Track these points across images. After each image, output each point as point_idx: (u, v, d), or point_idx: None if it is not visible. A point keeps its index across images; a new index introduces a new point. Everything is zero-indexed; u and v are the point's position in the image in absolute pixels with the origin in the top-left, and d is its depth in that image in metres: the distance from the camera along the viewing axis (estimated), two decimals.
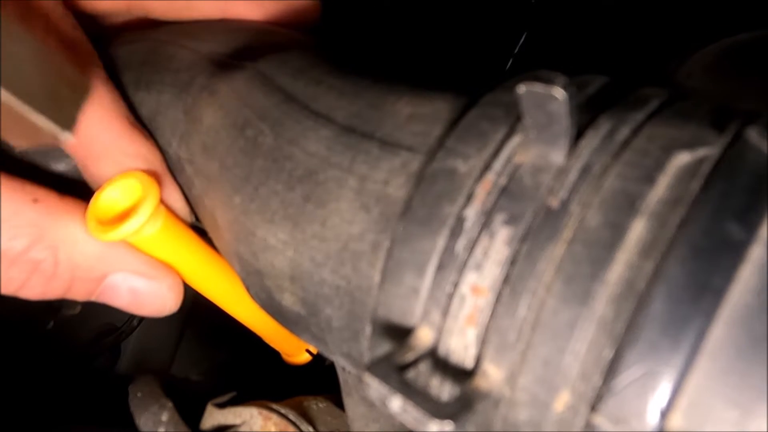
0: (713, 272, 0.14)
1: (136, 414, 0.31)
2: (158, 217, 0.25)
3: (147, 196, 0.24)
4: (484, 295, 0.16)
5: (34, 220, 0.24)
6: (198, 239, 0.28)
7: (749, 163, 0.15)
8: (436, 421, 0.14)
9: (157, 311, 0.27)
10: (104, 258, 0.25)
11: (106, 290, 0.26)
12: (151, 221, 0.24)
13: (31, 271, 0.24)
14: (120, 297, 0.26)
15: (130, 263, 0.26)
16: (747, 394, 0.13)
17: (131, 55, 0.30)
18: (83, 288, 0.25)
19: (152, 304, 0.27)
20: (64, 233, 0.24)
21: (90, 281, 0.25)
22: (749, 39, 0.30)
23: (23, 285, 0.24)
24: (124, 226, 0.24)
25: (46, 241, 0.24)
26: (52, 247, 0.24)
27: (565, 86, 0.15)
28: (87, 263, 0.25)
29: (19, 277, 0.24)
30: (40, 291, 0.25)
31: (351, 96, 0.22)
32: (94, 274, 0.25)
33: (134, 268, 0.26)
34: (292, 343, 0.34)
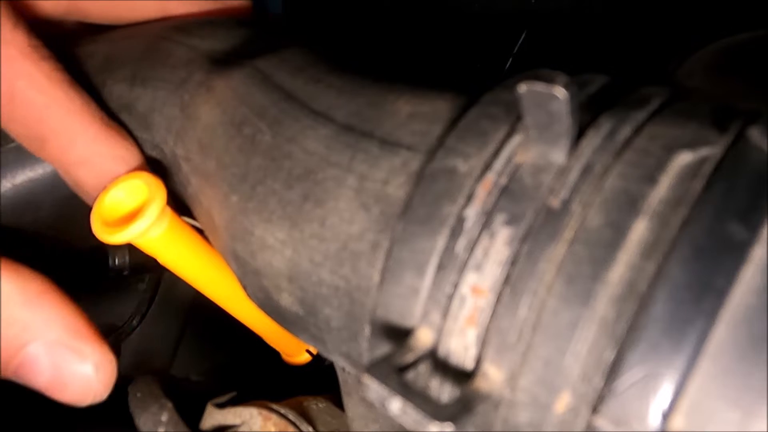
0: (715, 273, 0.14)
1: (136, 414, 0.31)
2: (164, 218, 0.25)
3: (154, 198, 0.24)
4: (484, 296, 0.16)
5: None
6: (202, 240, 0.27)
7: (751, 162, 0.15)
8: (435, 422, 0.14)
9: (80, 396, 0.24)
10: (28, 323, 0.23)
11: (24, 363, 0.23)
12: (157, 223, 0.24)
13: None
14: (39, 373, 0.23)
15: (57, 332, 0.23)
16: (749, 395, 0.13)
17: (128, 51, 0.29)
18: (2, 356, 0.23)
19: (74, 385, 0.23)
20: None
21: (10, 348, 0.23)
22: (749, 39, 0.30)
23: None
24: (132, 227, 0.24)
25: None
26: None
27: (567, 85, 0.15)
28: (8, 327, 0.22)
29: None
30: None
31: (350, 94, 0.22)
32: (15, 339, 0.23)
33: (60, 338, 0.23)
34: (293, 343, 0.34)
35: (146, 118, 0.28)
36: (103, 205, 0.24)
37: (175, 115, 0.26)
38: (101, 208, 0.24)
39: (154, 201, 0.24)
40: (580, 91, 0.18)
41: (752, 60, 0.29)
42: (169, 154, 0.27)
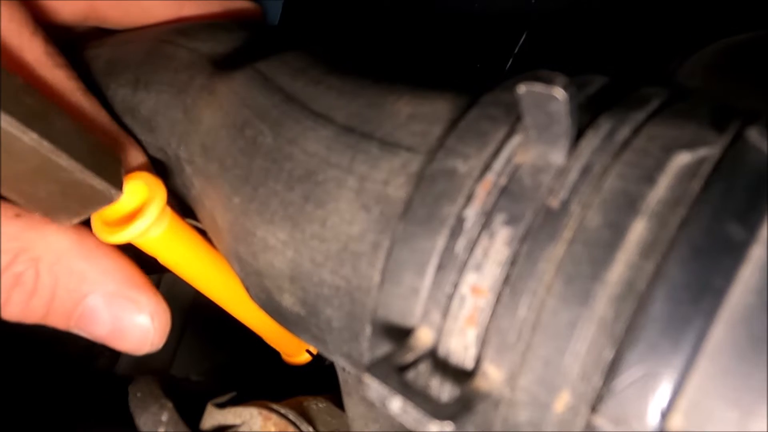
0: (714, 272, 0.14)
1: (136, 414, 0.31)
2: (164, 218, 0.25)
3: (153, 198, 0.24)
4: (484, 296, 0.16)
5: (15, 233, 0.23)
6: (202, 240, 0.27)
7: (750, 163, 0.15)
8: (436, 421, 0.14)
9: (138, 345, 0.25)
10: (87, 275, 0.24)
11: (85, 314, 0.24)
12: (157, 222, 0.24)
13: (12, 285, 0.23)
14: (99, 324, 0.24)
15: (115, 284, 0.24)
16: (747, 395, 0.13)
17: (130, 55, 0.29)
18: (62, 308, 0.24)
19: (133, 335, 0.25)
20: (45, 246, 0.23)
21: (70, 300, 0.24)
22: (749, 39, 0.30)
23: (5, 302, 0.23)
24: (131, 227, 0.24)
25: (28, 254, 0.23)
26: (33, 260, 0.23)
27: (566, 86, 0.15)
28: (69, 279, 0.24)
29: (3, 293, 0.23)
30: (20, 309, 0.23)
31: (350, 96, 0.22)
32: (75, 291, 0.24)
33: (118, 289, 0.24)
34: (292, 341, 0.34)
35: (150, 121, 0.28)
36: None
37: (178, 118, 0.26)
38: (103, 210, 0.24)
39: (154, 201, 0.24)
40: (580, 91, 0.18)
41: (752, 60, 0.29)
42: (173, 156, 0.27)
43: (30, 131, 0.20)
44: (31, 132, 0.20)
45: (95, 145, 0.23)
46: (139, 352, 0.25)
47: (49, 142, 0.21)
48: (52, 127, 0.21)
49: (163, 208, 0.24)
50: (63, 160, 0.21)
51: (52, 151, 0.21)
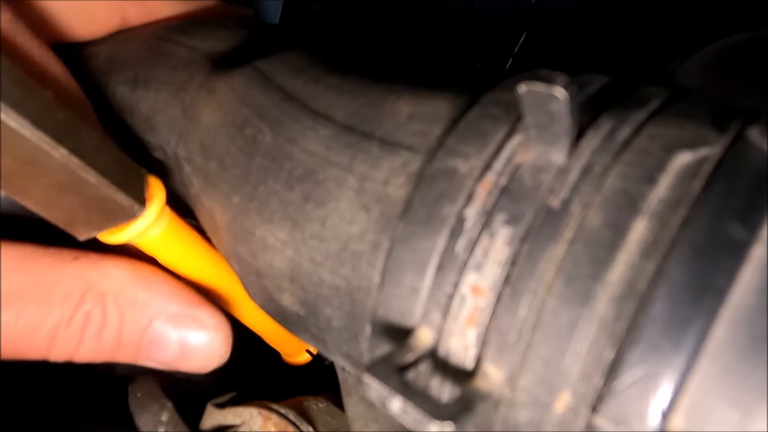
0: (714, 272, 0.14)
1: (136, 414, 0.31)
2: (164, 218, 0.25)
3: (152, 198, 0.24)
4: (484, 296, 0.16)
5: (79, 273, 0.24)
6: (201, 240, 0.27)
7: (750, 162, 0.15)
8: (436, 422, 0.14)
9: (206, 361, 0.26)
10: (149, 302, 0.25)
11: (152, 341, 0.25)
12: (156, 222, 0.24)
13: (83, 325, 0.24)
14: (167, 348, 0.25)
15: (176, 305, 0.25)
16: (748, 395, 0.13)
17: (129, 53, 0.29)
18: (131, 338, 0.24)
19: (201, 351, 0.25)
20: (107, 281, 0.24)
21: (137, 329, 0.24)
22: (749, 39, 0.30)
23: (78, 344, 0.24)
24: (131, 227, 0.24)
25: (94, 290, 0.24)
26: (99, 295, 0.24)
27: (566, 86, 0.15)
28: (133, 308, 0.24)
29: (74, 336, 0.23)
30: (92, 348, 0.24)
31: (350, 95, 0.22)
32: (140, 319, 0.24)
33: (180, 310, 0.25)
34: (291, 341, 0.34)
35: (149, 120, 0.28)
36: None
37: (177, 116, 0.26)
38: None
39: (153, 201, 0.24)
40: (580, 91, 0.18)
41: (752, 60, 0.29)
42: (172, 155, 0.27)
43: (60, 147, 0.20)
44: (61, 148, 0.20)
45: (121, 160, 0.23)
46: (207, 368, 0.26)
47: (78, 157, 0.21)
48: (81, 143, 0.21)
49: (162, 208, 0.24)
50: (90, 175, 0.21)
51: (80, 167, 0.21)
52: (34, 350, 0.23)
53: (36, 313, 0.23)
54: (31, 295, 0.23)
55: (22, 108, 0.19)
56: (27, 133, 0.19)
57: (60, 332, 0.23)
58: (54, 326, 0.23)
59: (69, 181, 0.21)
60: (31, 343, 0.23)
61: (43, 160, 0.20)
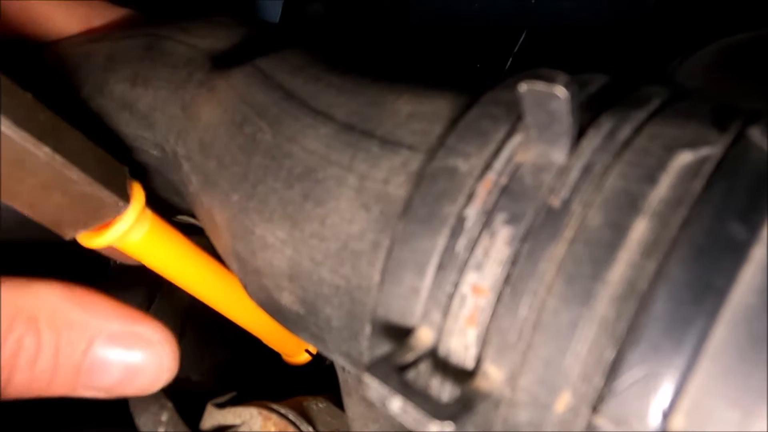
0: (715, 272, 0.14)
1: (136, 414, 0.31)
2: (144, 221, 0.25)
3: (132, 201, 0.24)
4: (484, 295, 0.16)
5: (5, 298, 0.22)
6: (188, 242, 0.27)
7: (751, 162, 0.15)
8: (436, 421, 0.14)
9: (155, 378, 0.24)
10: (87, 322, 0.23)
11: (93, 364, 0.23)
12: (136, 226, 0.24)
13: (15, 353, 0.22)
14: (110, 370, 0.23)
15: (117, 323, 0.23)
16: (749, 395, 0.13)
17: (129, 51, 0.29)
18: (69, 365, 0.23)
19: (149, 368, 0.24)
20: (38, 303, 0.22)
21: (76, 353, 0.23)
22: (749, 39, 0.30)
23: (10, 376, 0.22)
24: (111, 230, 0.24)
25: (24, 314, 0.22)
26: (31, 319, 0.22)
27: (567, 85, 0.15)
28: (70, 331, 0.22)
29: (5, 366, 0.21)
30: (25, 378, 0.22)
31: (351, 93, 0.22)
32: (79, 342, 0.23)
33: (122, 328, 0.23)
34: (291, 343, 0.34)
35: (147, 118, 0.28)
36: None
37: (176, 114, 0.26)
38: None
39: (133, 204, 0.24)
40: (581, 90, 0.18)
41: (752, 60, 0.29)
42: (170, 153, 0.27)
43: (43, 146, 0.20)
44: (44, 146, 0.20)
45: (102, 158, 0.24)
46: (154, 389, 0.24)
47: (62, 156, 0.21)
48: (63, 142, 0.21)
49: (141, 210, 0.25)
50: (74, 173, 0.22)
51: (64, 165, 0.21)
52: None
53: None
54: None
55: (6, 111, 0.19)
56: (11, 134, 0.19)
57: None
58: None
59: (54, 180, 0.21)
60: None
61: (28, 160, 0.20)
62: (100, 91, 0.29)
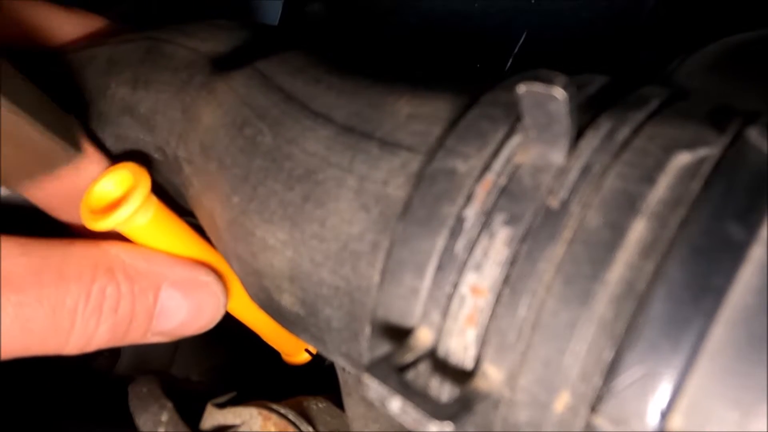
0: (714, 272, 0.14)
1: (136, 414, 0.31)
2: (150, 206, 0.25)
3: (137, 186, 0.25)
4: (483, 296, 0.16)
5: (82, 253, 0.24)
6: (192, 231, 0.28)
7: (750, 163, 0.15)
8: (435, 422, 0.14)
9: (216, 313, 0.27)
10: (153, 270, 0.25)
11: (164, 309, 0.25)
12: (142, 210, 0.25)
13: (101, 302, 0.24)
14: (178, 312, 0.26)
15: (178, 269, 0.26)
16: (747, 395, 0.13)
17: (130, 54, 0.30)
18: (144, 309, 0.25)
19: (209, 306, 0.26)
20: (110, 258, 0.24)
21: (149, 298, 0.25)
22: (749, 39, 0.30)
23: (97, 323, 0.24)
24: (116, 213, 0.24)
25: (102, 266, 0.24)
26: (108, 270, 0.24)
27: (566, 86, 0.15)
28: (141, 280, 0.25)
29: (93, 313, 0.23)
30: (109, 326, 0.24)
31: (350, 95, 0.22)
32: (149, 288, 0.25)
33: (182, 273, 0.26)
34: (291, 341, 0.34)
35: (149, 121, 0.28)
36: (92, 195, 0.25)
37: (177, 117, 0.27)
38: (90, 198, 0.25)
39: (138, 188, 0.25)
40: (579, 91, 0.18)
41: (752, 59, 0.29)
42: (171, 155, 0.27)
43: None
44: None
45: (54, 110, 0.24)
46: (214, 322, 0.27)
47: (10, 101, 0.21)
48: (13, 90, 0.21)
49: (147, 195, 0.25)
50: (24, 118, 0.22)
51: (13, 110, 0.21)
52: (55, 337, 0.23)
53: (56, 291, 0.23)
54: (45, 274, 0.23)
55: None
56: None
57: (80, 310, 0.23)
58: (74, 304, 0.23)
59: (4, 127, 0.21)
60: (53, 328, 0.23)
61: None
62: (101, 95, 0.29)
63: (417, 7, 0.48)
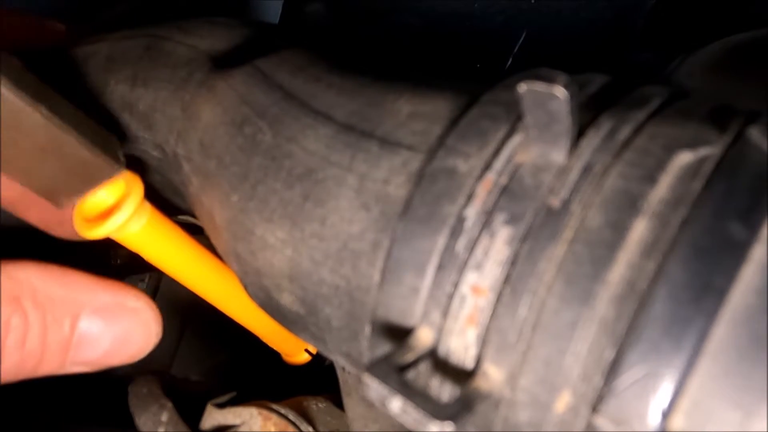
0: (715, 272, 0.14)
1: (136, 414, 0.30)
2: (143, 213, 0.25)
3: (130, 193, 0.25)
4: (484, 295, 0.16)
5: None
6: (188, 237, 0.28)
7: (751, 162, 0.15)
8: (436, 422, 0.14)
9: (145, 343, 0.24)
10: (70, 297, 0.23)
11: (82, 339, 0.23)
12: (135, 217, 0.25)
13: (4, 336, 0.21)
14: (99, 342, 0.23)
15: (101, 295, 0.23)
16: (749, 395, 0.13)
17: (128, 51, 0.30)
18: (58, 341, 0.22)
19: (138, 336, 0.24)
20: (19, 284, 0.22)
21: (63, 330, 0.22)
22: (749, 38, 0.30)
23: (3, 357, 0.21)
24: (108, 222, 0.24)
25: (6, 295, 0.21)
26: (14, 299, 0.21)
27: (567, 85, 0.15)
28: (54, 307, 0.22)
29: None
30: (16, 360, 0.22)
31: (350, 94, 0.22)
32: (64, 317, 0.22)
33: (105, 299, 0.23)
34: (290, 342, 0.34)
35: (148, 118, 0.28)
36: (86, 203, 0.25)
37: (176, 114, 0.26)
38: (83, 206, 0.25)
39: (131, 195, 0.24)
40: (580, 90, 0.18)
41: (753, 59, 0.29)
42: (171, 153, 0.27)
43: (41, 106, 0.21)
44: (41, 107, 0.21)
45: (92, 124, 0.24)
46: (144, 353, 0.24)
47: (57, 117, 0.21)
48: (56, 106, 0.22)
49: (140, 202, 0.25)
50: (70, 134, 0.22)
51: (60, 126, 0.22)
52: None
53: None
54: None
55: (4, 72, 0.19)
56: (9, 95, 0.20)
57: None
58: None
59: (50, 142, 0.22)
60: None
61: (25, 121, 0.21)
62: (100, 93, 0.29)
63: (417, 7, 0.47)
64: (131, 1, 0.44)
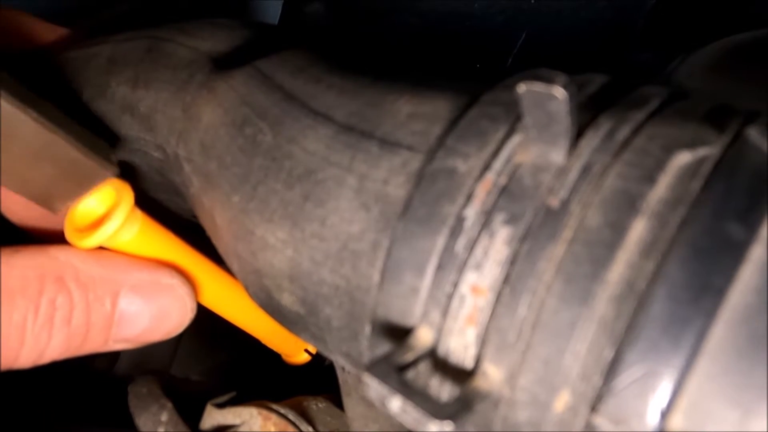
0: (714, 272, 0.14)
1: (135, 414, 0.31)
2: (134, 221, 0.25)
3: (120, 202, 0.24)
4: (483, 295, 0.16)
5: (28, 262, 0.22)
6: (182, 243, 0.27)
7: (750, 162, 0.15)
8: (435, 421, 0.14)
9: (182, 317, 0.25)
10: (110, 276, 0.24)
11: (123, 316, 0.24)
12: (126, 226, 0.24)
13: (51, 314, 0.22)
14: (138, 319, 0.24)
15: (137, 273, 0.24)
16: (748, 394, 0.13)
17: (130, 52, 0.30)
18: (101, 318, 0.23)
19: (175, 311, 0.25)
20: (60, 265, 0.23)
21: (106, 306, 0.23)
22: (749, 38, 0.30)
23: (49, 336, 0.22)
24: (99, 232, 0.24)
25: (51, 275, 0.22)
26: (58, 279, 0.22)
27: (566, 85, 0.15)
28: (95, 286, 0.23)
29: (44, 326, 0.22)
30: (63, 337, 0.22)
31: (350, 94, 0.22)
32: (106, 296, 0.23)
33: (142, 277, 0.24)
34: (289, 343, 0.34)
35: (149, 119, 0.28)
36: (76, 213, 0.25)
37: (177, 116, 0.26)
38: (73, 215, 0.25)
39: (121, 205, 0.24)
40: (580, 91, 0.18)
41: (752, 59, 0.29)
42: (172, 154, 0.27)
43: (32, 111, 0.21)
44: (33, 112, 0.21)
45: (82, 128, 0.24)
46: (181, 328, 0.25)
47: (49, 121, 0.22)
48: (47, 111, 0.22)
49: (130, 211, 0.25)
50: (63, 136, 0.22)
51: (52, 129, 0.22)
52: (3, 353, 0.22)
53: None
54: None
55: None
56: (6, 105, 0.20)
57: (29, 325, 0.22)
58: (22, 318, 0.21)
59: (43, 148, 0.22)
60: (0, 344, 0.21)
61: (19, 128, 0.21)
62: (101, 94, 0.29)
63: (417, 7, 0.47)
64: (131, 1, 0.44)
